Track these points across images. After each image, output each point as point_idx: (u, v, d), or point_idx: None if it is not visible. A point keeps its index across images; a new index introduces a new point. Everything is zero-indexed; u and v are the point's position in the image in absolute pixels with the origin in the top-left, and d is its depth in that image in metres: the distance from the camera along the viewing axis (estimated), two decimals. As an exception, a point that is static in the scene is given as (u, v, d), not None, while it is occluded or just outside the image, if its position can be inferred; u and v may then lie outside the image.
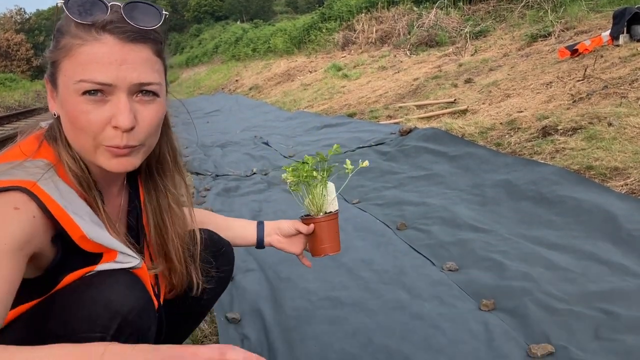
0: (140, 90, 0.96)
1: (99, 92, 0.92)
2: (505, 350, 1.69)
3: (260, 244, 1.48)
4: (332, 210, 1.42)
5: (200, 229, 1.32)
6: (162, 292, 1.20)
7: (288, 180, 1.41)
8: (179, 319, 1.33)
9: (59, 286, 0.97)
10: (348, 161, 1.46)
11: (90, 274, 0.98)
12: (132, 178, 1.16)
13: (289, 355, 1.78)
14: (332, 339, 1.86)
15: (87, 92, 0.92)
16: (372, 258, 2.49)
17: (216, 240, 1.39)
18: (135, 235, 1.14)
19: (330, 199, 1.42)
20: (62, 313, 0.94)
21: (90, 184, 0.99)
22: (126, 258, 1.01)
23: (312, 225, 1.41)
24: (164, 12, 0.98)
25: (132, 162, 0.99)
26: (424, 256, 2.46)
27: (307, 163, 1.40)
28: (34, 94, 22.18)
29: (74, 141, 0.98)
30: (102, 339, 0.92)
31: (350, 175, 1.45)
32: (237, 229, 1.49)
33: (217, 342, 1.89)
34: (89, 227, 0.94)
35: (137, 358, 0.79)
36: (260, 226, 1.48)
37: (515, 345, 1.70)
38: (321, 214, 1.40)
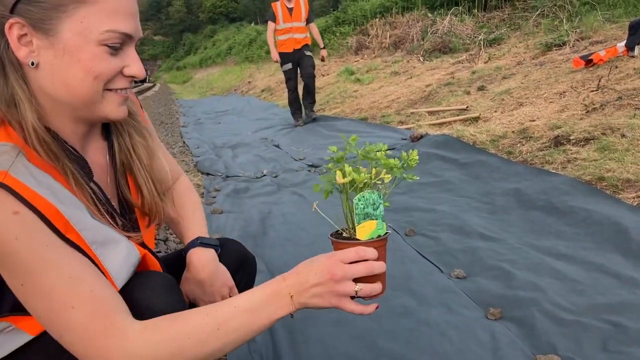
0: None
1: (119, 43, 0.91)
2: (512, 359, 1.68)
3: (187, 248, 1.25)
4: (380, 232, 0.97)
5: (228, 239, 1.36)
6: (152, 241, 1.15)
7: (339, 183, 0.99)
8: None
9: None
10: (339, 172, 0.99)
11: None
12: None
13: (293, 357, 1.79)
14: (336, 341, 1.86)
15: (107, 43, 0.89)
16: (379, 263, 2.49)
17: (240, 251, 1.39)
18: (124, 193, 1.08)
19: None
20: None
21: (58, 152, 0.90)
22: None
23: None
24: None
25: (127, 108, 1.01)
26: (432, 263, 2.46)
27: (361, 172, 0.99)
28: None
29: (73, 93, 0.90)
30: None
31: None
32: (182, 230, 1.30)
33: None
34: (71, 212, 0.87)
35: (309, 277, 0.95)
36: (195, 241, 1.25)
37: (522, 355, 1.70)
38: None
